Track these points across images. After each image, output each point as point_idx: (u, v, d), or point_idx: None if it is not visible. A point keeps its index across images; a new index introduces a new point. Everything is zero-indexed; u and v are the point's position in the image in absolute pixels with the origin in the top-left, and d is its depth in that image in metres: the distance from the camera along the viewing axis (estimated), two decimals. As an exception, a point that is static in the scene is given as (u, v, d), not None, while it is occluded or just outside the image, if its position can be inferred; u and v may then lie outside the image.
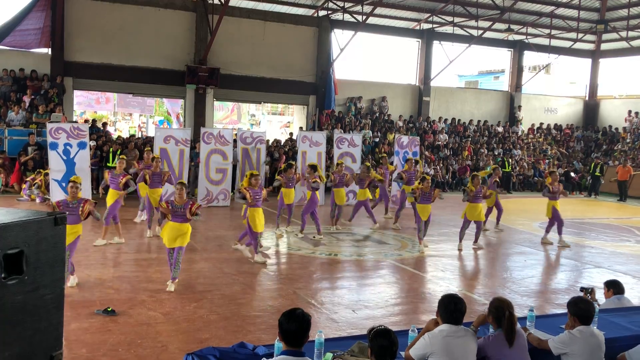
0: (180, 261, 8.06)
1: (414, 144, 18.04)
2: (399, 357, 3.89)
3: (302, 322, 3.48)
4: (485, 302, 7.92)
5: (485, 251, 11.90)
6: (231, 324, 6.68)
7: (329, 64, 23.90)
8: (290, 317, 3.48)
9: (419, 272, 9.76)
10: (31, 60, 19.73)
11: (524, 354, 4.16)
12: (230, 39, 22.01)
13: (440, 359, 3.87)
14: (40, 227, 2.72)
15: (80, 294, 7.51)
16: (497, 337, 4.12)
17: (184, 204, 8.04)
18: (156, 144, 15.19)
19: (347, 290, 8.47)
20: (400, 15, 25.41)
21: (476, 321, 4.30)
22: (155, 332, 6.31)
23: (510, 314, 4.11)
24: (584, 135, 29.89)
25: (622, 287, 5.99)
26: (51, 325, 2.81)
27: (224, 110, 30.97)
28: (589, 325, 4.38)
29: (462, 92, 29.81)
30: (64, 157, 13.96)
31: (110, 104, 28.14)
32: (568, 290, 8.95)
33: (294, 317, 3.48)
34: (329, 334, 5.76)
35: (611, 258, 11.65)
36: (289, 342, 3.48)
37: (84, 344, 5.84)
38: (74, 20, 20.10)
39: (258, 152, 17.02)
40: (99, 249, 10.07)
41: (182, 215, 8.01)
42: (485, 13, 25.05)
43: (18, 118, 17.49)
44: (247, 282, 8.57)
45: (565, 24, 27.45)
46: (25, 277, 2.62)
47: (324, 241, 11.97)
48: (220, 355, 3.99)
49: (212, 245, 11.05)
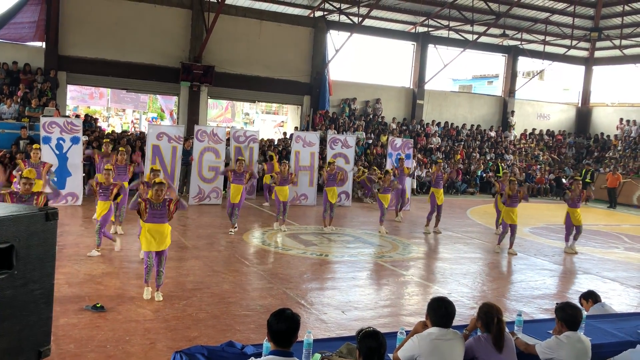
0: (164, 268, 7.59)
1: (408, 146, 18.09)
2: (387, 359, 3.91)
3: (292, 323, 3.49)
4: (474, 305, 7.95)
5: (475, 256, 11.95)
6: (220, 323, 6.68)
7: (324, 65, 23.92)
8: (279, 317, 3.49)
9: (409, 275, 9.79)
10: (25, 53, 19.63)
11: (512, 358, 4.18)
12: (226, 37, 21.99)
13: (428, 362, 3.88)
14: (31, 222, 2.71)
15: (69, 290, 7.48)
16: (487, 339, 4.13)
17: (161, 202, 7.49)
18: (149, 141, 15.16)
19: (337, 291, 8.49)
20: (396, 18, 25.47)
21: (470, 326, 4.32)
22: (143, 329, 6.30)
23: (499, 319, 4.12)
24: (576, 141, 30.06)
25: (599, 296, 6.06)
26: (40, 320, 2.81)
27: (218, 108, 30.93)
28: (576, 330, 4.42)
29: (455, 96, 29.91)
30: (56, 152, 13.91)
31: (104, 100, 28.06)
32: (556, 296, 9.01)
33: (284, 317, 3.48)
34: (317, 335, 5.76)
35: (599, 264, 11.72)
36: (278, 342, 3.49)
37: (72, 340, 5.82)
38: (69, 15, 20.03)
39: (251, 150, 17.02)
40: (88, 244, 10.01)
41: (160, 215, 7.43)
42: (481, 18, 25.14)
43: (10, 111, 17.39)
44: (237, 281, 8.56)
45: (560, 31, 27.61)
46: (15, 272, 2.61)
47: (315, 241, 11.99)
48: (209, 354, 3.99)
49: (203, 243, 11.04)
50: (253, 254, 10.85)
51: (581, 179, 14.99)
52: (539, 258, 11.94)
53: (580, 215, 12.72)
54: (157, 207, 7.44)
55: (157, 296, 7.41)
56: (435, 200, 13.91)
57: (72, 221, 11.85)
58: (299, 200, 17.21)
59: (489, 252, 12.26)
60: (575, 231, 12.66)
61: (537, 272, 10.68)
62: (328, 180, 13.33)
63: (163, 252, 7.52)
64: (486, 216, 17.64)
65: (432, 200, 14.00)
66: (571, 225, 12.65)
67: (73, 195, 14.09)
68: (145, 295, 7.39)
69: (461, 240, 13.33)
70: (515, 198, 12.00)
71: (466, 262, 11.23)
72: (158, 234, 7.40)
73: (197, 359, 3.92)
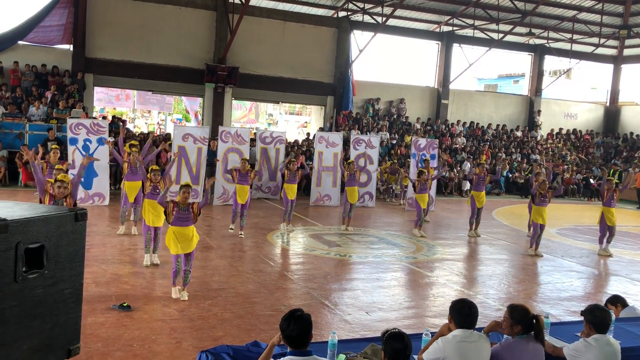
0: (191, 267, 7.66)
1: (432, 147, 17.97)
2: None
3: (303, 325, 3.46)
4: (500, 307, 7.88)
5: (501, 257, 11.83)
6: (245, 323, 6.72)
7: (348, 65, 23.89)
8: (290, 321, 3.46)
9: (434, 276, 9.73)
10: (53, 56, 19.99)
11: (540, 360, 4.13)
12: (250, 38, 22.11)
13: (454, 364, 3.85)
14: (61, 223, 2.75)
15: (96, 289, 7.59)
16: (518, 342, 4.08)
17: (187, 206, 7.54)
18: (174, 142, 15.30)
19: (361, 292, 8.47)
20: (420, 17, 25.33)
21: (488, 327, 4.27)
22: (169, 329, 6.36)
23: (538, 318, 4.10)
24: (604, 141, 29.56)
25: (625, 299, 5.95)
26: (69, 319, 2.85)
27: (242, 109, 31.09)
28: (604, 333, 4.34)
29: (481, 95, 29.63)
30: (83, 153, 14.07)
31: (130, 101, 28.40)
32: (584, 298, 8.87)
33: (294, 320, 3.45)
34: (342, 336, 5.76)
35: (629, 266, 11.51)
36: (293, 345, 3.48)
37: (99, 339, 5.90)
38: (96, 18, 20.34)
39: (277, 151, 17.09)
40: (114, 244, 10.14)
41: (186, 218, 7.49)
42: (506, 16, 24.88)
43: (39, 113, 17.72)
44: (262, 282, 8.60)
45: (588, 29, 27.17)
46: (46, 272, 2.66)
47: (339, 242, 11.98)
48: (234, 354, 4.01)
49: (228, 243, 11.11)
50: (277, 254, 10.89)
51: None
52: (567, 259, 11.77)
53: (614, 216, 12.47)
54: (183, 211, 7.48)
55: (183, 295, 7.46)
56: (475, 204, 13.69)
57: (99, 221, 12.01)
58: (322, 200, 17.22)
59: (515, 254, 12.12)
60: (608, 233, 12.42)
61: (565, 274, 10.52)
62: (348, 179, 13.29)
63: (190, 253, 7.57)
64: (512, 217, 17.45)
65: (473, 204, 13.75)
66: (605, 226, 12.41)
67: (100, 195, 14.29)
68: (174, 295, 7.44)
69: (487, 242, 13.20)
70: (544, 197, 11.83)
71: (492, 264, 11.12)
72: (183, 236, 7.44)
73: (222, 358, 3.94)
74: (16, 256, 2.48)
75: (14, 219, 2.50)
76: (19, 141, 16.55)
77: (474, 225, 13.82)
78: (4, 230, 2.42)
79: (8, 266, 2.45)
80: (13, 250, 2.47)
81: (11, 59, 19.12)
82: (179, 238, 7.42)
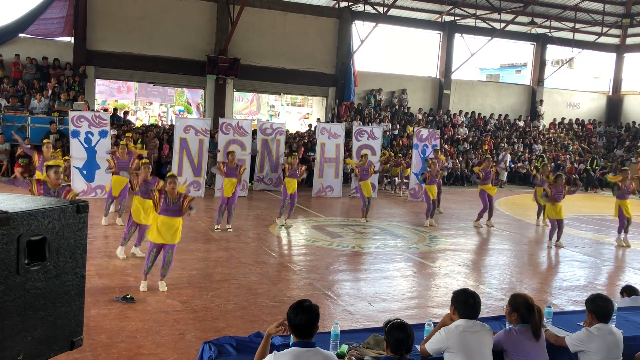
0: (172, 260, 7.50)
1: (434, 137, 17.93)
2: (415, 350, 3.90)
3: (311, 315, 3.44)
4: (503, 297, 7.89)
5: (504, 247, 11.84)
6: (248, 314, 6.73)
7: (349, 56, 23.83)
8: (298, 310, 3.44)
9: (436, 266, 9.74)
10: (54, 48, 19.97)
11: (543, 350, 4.14)
12: (251, 29, 22.06)
13: (456, 354, 3.86)
14: (63, 215, 2.75)
15: (99, 281, 7.61)
16: (520, 331, 4.09)
17: (177, 197, 7.37)
18: (176, 134, 15.30)
19: (363, 283, 8.48)
20: (421, 7, 25.23)
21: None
22: (173, 320, 6.38)
23: (539, 309, 4.10)
24: (607, 130, 29.48)
25: (637, 290, 5.97)
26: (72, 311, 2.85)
27: (243, 100, 31.08)
28: (607, 323, 4.34)
29: (483, 85, 29.55)
30: (85, 145, 14.14)
31: (132, 93, 28.41)
32: (586, 288, 8.86)
33: (302, 310, 3.44)
34: (344, 326, 5.78)
35: (631, 256, 11.51)
36: (299, 334, 3.47)
37: (103, 330, 5.92)
38: (97, 10, 20.30)
39: (278, 143, 17.08)
40: (117, 236, 10.16)
41: (174, 209, 7.35)
42: (508, 6, 24.76)
43: (40, 106, 17.72)
44: (264, 273, 8.61)
45: (590, 18, 27.04)
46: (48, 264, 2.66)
47: (342, 233, 11.99)
48: (237, 345, 4.02)
49: (230, 234, 11.12)
50: (280, 245, 10.91)
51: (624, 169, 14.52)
52: (569, 249, 11.76)
53: (629, 207, 12.39)
54: (173, 203, 7.33)
55: (162, 286, 7.37)
56: (485, 197, 13.52)
57: (101, 214, 11.99)
58: (325, 192, 17.22)
59: (518, 244, 12.12)
60: (627, 223, 12.36)
61: (567, 264, 10.53)
62: (361, 174, 13.26)
63: (173, 245, 7.44)
64: (514, 207, 17.45)
65: (482, 197, 13.58)
66: (624, 217, 12.35)
67: (102, 188, 14.31)
68: (142, 288, 7.30)
69: (489, 232, 13.20)
70: (559, 193, 11.75)
71: (494, 254, 11.13)
72: (170, 227, 7.32)
73: (225, 349, 3.95)
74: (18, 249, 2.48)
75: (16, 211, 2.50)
76: (21, 134, 16.56)
77: (488, 216, 13.66)
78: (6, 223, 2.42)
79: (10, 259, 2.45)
80: (15, 242, 2.46)
81: (12, 51, 19.11)
82: (164, 228, 7.30)
